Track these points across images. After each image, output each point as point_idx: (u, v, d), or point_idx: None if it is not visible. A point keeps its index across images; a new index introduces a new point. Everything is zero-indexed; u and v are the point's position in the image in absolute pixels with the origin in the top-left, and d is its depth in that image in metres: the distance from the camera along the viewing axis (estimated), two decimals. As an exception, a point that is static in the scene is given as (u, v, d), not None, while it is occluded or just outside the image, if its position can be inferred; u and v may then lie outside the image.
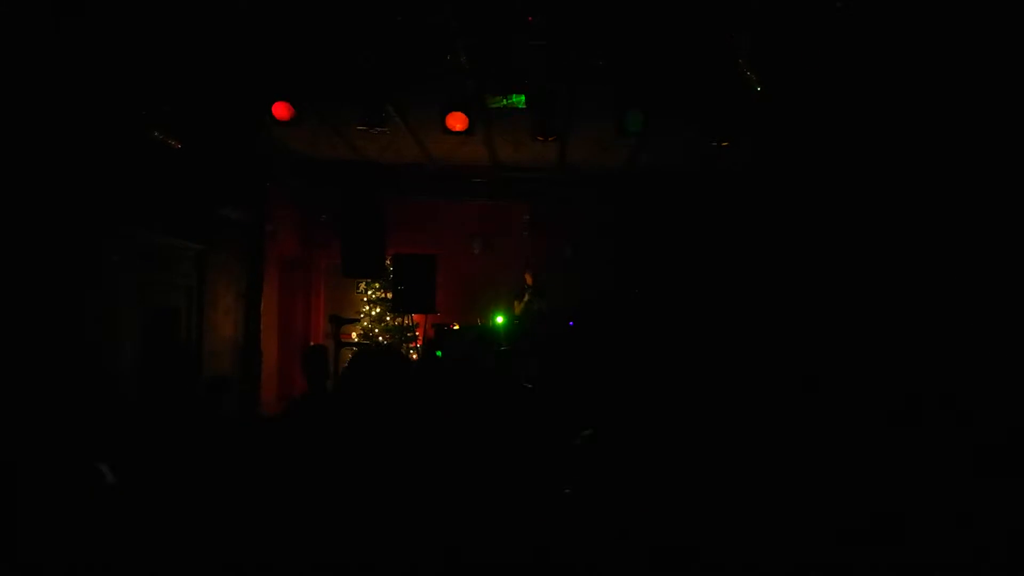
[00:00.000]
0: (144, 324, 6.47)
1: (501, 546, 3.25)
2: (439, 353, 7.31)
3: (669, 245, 10.14)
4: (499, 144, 8.89)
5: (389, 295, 10.13)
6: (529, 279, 9.39)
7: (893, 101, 6.15)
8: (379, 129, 6.62)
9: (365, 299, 10.52)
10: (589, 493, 3.47)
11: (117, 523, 3.58)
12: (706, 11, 5.19)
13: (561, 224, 10.65)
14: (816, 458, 3.79)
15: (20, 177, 4.86)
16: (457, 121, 6.52)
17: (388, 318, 10.33)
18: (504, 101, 6.69)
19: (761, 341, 8.26)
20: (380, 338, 10.25)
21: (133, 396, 5.94)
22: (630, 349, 7.97)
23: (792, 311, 8.63)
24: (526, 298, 9.39)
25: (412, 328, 10.32)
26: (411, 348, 10.22)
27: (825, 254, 8.42)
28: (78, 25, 5.05)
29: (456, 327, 9.08)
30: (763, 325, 8.68)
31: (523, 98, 6.65)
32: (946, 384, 5.30)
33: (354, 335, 10.28)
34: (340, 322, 9.45)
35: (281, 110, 6.39)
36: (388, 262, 10.01)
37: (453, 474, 3.32)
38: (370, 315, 10.41)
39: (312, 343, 10.60)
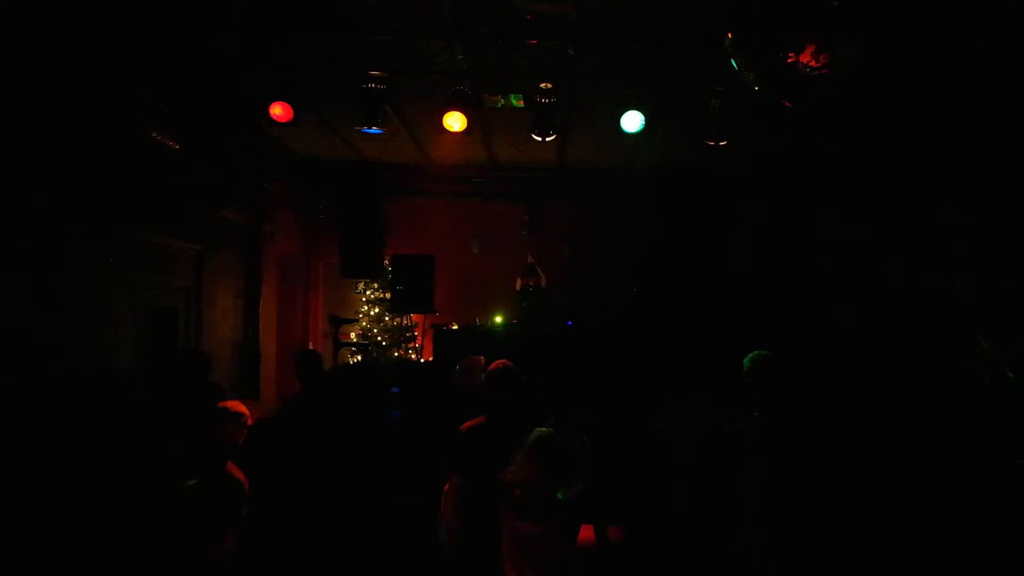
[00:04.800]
0: (142, 325, 6.46)
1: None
2: None
3: (669, 244, 10.13)
4: (497, 144, 8.89)
5: (388, 295, 10.12)
6: (529, 258, 9.48)
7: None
8: (378, 130, 6.61)
9: (364, 299, 10.50)
10: None
11: (118, 523, 3.58)
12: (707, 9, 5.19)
13: (560, 223, 10.64)
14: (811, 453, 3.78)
15: (19, 177, 4.85)
16: (455, 121, 6.51)
17: (387, 318, 10.31)
18: (502, 101, 6.68)
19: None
20: (379, 338, 10.23)
21: (132, 397, 5.93)
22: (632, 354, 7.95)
23: (789, 313, 8.63)
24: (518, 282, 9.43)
25: (411, 328, 10.31)
26: (410, 349, 10.22)
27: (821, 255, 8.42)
28: (79, 23, 5.05)
29: (455, 327, 9.08)
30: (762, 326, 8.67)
31: (521, 97, 6.65)
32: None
33: (353, 335, 10.26)
34: (339, 322, 9.45)
35: (280, 111, 6.38)
36: (387, 262, 10.00)
37: None
38: (369, 315, 10.39)
39: (310, 344, 10.60)
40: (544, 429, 3.42)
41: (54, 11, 4.91)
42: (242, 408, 4.26)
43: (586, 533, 3.55)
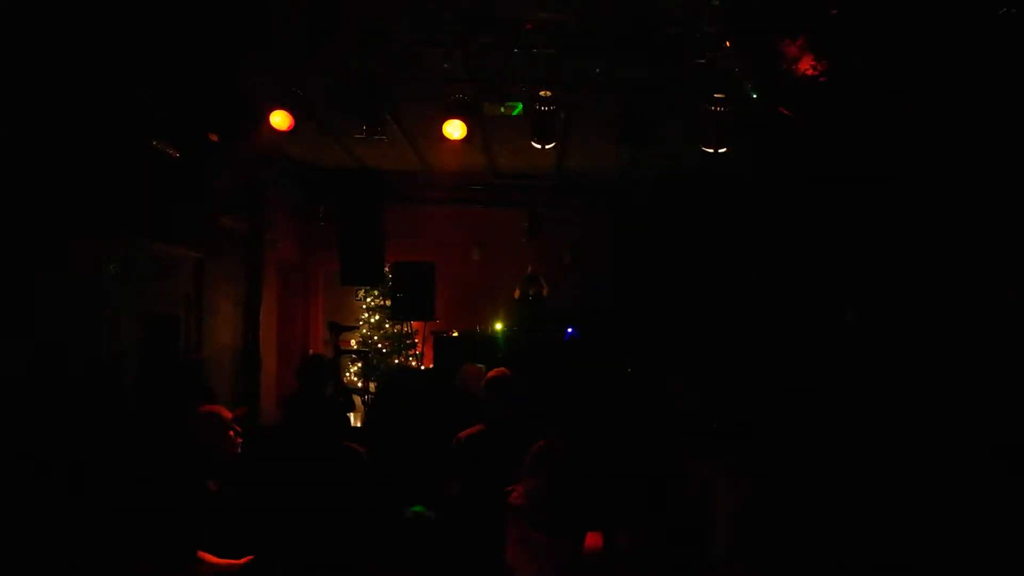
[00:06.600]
0: (143, 332, 6.46)
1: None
2: None
3: (669, 249, 10.14)
4: (497, 151, 8.91)
5: (388, 302, 10.13)
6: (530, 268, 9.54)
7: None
8: (378, 137, 6.63)
9: (364, 306, 10.52)
10: None
11: (120, 529, 3.58)
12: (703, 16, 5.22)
13: (560, 230, 10.65)
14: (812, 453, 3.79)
15: (19, 186, 4.86)
16: (455, 128, 6.53)
17: (387, 325, 10.32)
18: (502, 109, 6.70)
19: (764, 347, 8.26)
20: (379, 345, 10.24)
21: (133, 404, 5.93)
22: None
23: (793, 317, 8.63)
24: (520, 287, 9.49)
25: (411, 335, 10.31)
26: (410, 356, 10.23)
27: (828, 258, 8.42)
28: (79, 29, 5.07)
29: (455, 334, 9.09)
30: (767, 331, 8.67)
31: (520, 105, 6.67)
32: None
33: (353, 342, 10.27)
34: (339, 329, 9.45)
35: (280, 119, 6.40)
36: (387, 269, 10.01)
37: None
38: (369, 322, 10.41)
39: (311, 351, 10.60)
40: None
41: (55, 18, 4.93)
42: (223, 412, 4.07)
43: (595, 540, 3.56)
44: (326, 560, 3.63)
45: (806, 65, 3.14)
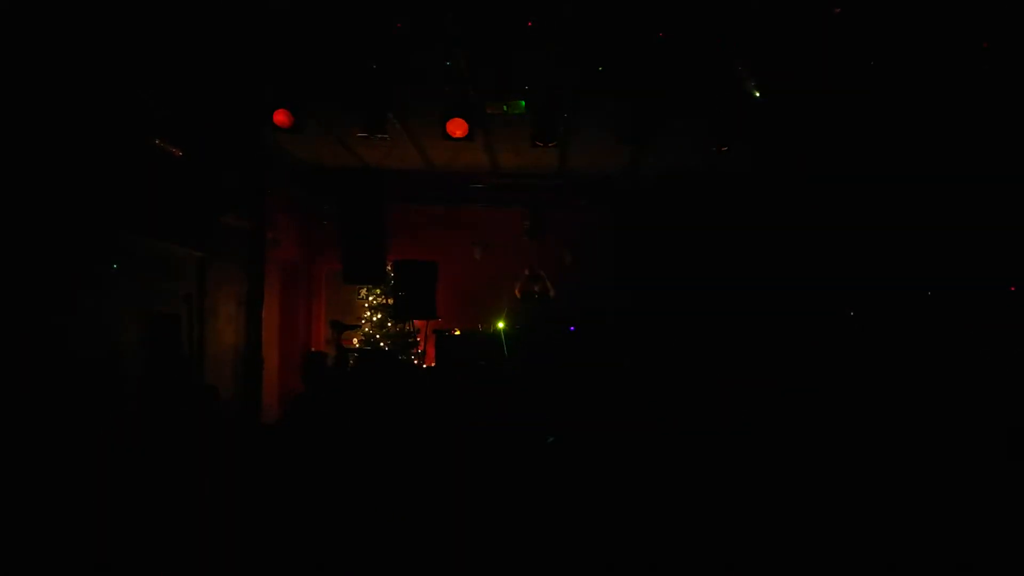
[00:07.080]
0: (145, 332, 6.48)
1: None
2: None
3: (670, 249, 10.15)
4: (499, 150, 8.91)
5: (390, 301, 10.14)
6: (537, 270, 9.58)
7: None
8: (380, 136, 6.64)
9: (366, 305, 10.53)
10: None
11: (123, 526, 3.61)
12: (706, 16, 5.22)
13: (561, 229, 10.66)
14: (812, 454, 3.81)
15: (22, 185, 4.88)
16: (457, 128, 6.54)
17: (389, 324, 10.33)
18: (504, 108, 6.71)
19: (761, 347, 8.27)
20: (382, 344, 10.26)
21: (134, 404, 5.95)
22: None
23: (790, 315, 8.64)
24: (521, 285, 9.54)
25: (413, 334, 10.33)
26: (413, 355, 10.25)
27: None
28: (81, 30, 5.09)
29: (457, 332, 9.11)
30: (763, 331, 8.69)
31: (523, 104, 6.68)
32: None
33: (355, 341, 10.28)
34: (341, 328, 9.47)
35: (281, 117, 6.40)
36: (389, 268, 10.03)
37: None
38: (371, 321, 10.42)
39: (313, 350, 10.63)
40: None
41: (57, 18, 4.95)
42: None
43: None
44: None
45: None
